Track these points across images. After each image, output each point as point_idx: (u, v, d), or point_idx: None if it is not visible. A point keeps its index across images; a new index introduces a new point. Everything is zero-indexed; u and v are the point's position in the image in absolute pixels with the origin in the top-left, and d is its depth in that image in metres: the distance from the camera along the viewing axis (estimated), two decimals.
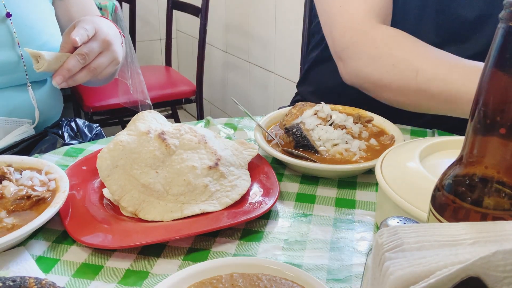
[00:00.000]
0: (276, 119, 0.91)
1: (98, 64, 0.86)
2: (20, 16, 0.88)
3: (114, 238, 0.60)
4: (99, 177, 0.68)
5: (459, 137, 0.72)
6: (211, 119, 0.96)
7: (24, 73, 0.90)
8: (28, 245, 0.61)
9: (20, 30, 0.88)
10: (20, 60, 0.88)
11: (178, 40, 3.29)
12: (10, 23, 0.86)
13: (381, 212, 0.65)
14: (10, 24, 0.86)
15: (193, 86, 2.40)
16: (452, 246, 0.31)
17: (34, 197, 0.63)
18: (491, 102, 0.36)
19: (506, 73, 0.35)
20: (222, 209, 0.66)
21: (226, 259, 0.54)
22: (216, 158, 0.70)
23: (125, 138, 0.68)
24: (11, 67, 0.88)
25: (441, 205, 0.40)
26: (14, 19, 0.86)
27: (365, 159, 0.77)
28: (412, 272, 0.29)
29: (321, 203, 0.71)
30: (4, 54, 0.87)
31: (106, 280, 0.55)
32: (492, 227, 0.32)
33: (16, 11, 0.87)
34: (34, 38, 0.90)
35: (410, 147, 0.69)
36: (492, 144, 0.37)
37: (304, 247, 0.61)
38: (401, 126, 0.91)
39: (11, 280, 0.46)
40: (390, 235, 0.32)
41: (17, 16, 0.88)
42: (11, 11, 0.87)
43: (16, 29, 0.87)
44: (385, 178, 0.63)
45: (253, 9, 2.47)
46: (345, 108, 0.92)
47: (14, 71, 0.89)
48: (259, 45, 2.48)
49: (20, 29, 0.88)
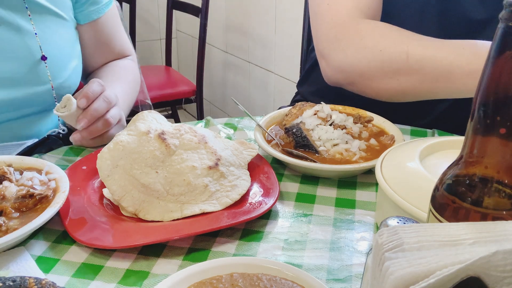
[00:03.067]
0: (276, 119, 0.91)
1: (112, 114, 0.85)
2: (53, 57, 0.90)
3: (114, 238, 0.60)
4: (99, 177, 0.68)
5: (459, 137, 0.72)
6: (211, 119, 0.96)
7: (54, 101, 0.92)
8: (28, 245, 0.61)
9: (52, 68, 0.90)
10: (51, 91, 0.90)
11: (178, 40, 3.29)
12: (45, 66, 0.88)
13: (381, 212, 0.65)
14: (44, 67, 0.88)
15: (193, 86, 2.40)
16: (452, 246, 0.31)
17: (37, 195, 0.63)
18: (491, 102, 0.36)
19: (506, 73, 0.35)
20: (222, 209, 0.66)
21: (226, 259, 0.54)
22: (216, 158, 0.70)
23: (125, 138, 0.68)
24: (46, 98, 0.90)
25: (441, 205, 0.40)
26: (49, 61, 0.89)
27: (365, 159, 0.77)
28: (412, 272, 0.29)
29: (321, 203, 0.71)
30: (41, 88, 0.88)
31: (106, 280, 0.55)
32: (492, 227, 0.32)
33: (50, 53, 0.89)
34: (62, 73, 0.92)
35: (410, 147, 0.69)
36: (492, 144, 0.37)
37: (304, 247, 0.61)
38: (401, 126, 0.91)
39: (11, 280, 0.46)
40: (390, 235, 0.32)
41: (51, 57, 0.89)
42: (46, 53, 0.88)
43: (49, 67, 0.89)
44: (385, 178, 0.63)
45: (253, 9, 2.47)
46: (345, 108, 0.92)
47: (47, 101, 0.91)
48: (259, 45, 2.48)
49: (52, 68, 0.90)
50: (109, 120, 0.83)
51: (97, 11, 1.01)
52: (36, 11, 0.88)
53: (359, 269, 0.57)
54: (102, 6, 1.02)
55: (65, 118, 0.81)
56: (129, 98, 1.04)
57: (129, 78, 1.07)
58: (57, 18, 0.92)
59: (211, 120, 0.95)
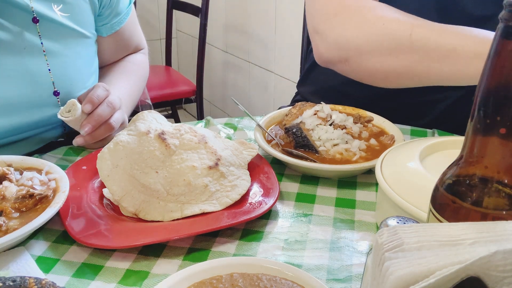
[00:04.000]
0: (276, 119, 0.91)
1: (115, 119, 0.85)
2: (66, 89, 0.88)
3: (114, 238, 0.60)
4: (99, 177, 0.68)
5: (459, 137, 0.72)
6: (211, 119, 0.96)
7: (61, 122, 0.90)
8: (28, 245, 0.61)
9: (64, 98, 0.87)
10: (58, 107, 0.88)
11: (178, 40, 3.29)
12: (57, 100, 0.86)
13: (381, 212, 0.65)
14: (57, 102, 0.87)
15: (193, 86, 2.40)
16: (452, 246, 0.31)
17: (37, 195, 0.63)
18: (491, 102, 0.36)
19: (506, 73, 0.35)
20: (222, 209, 0.66)
21: (226, 259, 0.54)
22: (216, 158, 0.70)
23: (125, 138, 0.68)
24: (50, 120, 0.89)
25: (441, 205, 0.40)
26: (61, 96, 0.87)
27: (365, 159, 0.77)
28: (412, 272, 0.29)
29: (321, 203, 0.71)
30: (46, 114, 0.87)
31: (106, 280, 0.55)
32: (492, 227, 0.32)
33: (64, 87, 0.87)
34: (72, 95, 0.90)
35: (410, 147, 0.69)
36: (492, 144, 0.37)
37: (304, 247, 0.61)
38: (401, 126, 0.91)
39: (11, 280, 0.46)
40: (390, 235, 0.32)
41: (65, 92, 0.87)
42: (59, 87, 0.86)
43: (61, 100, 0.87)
44: (385, 178, 0.63)
45: (253, 9, 2.47)
46: (345, 108, 0.92)
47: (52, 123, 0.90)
48: (259, 45, 2.48)
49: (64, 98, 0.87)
50: (112, 124, 0.83)
51: (119, 22, 0.99)
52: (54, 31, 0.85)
53: (359, 269, 0.57)
54: (124, 16, 1.00)
55: (69, 122, 0.81)
56: (136, 94, 1.04)
57: (138, 73, 1.07)
58: (80, 38, 0.90)
59: (211, 120, 0.95)
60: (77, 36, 0.89)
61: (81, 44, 0.91)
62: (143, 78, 1.11)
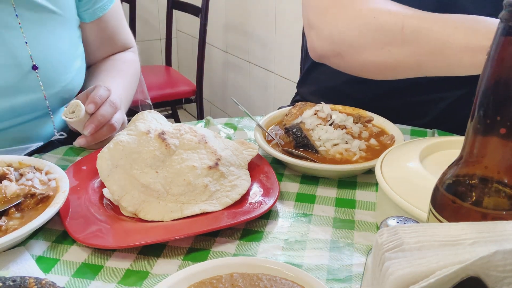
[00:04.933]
0: (276, 119, 0.91)
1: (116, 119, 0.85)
2: (47, 65, 0.87)
3: (114, 238, 0.60)
4: (99, 177, 0.68)
5: (459, 137, 0.72)
6: (211, 119, 0.96)
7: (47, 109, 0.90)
8: (28, 245, 0.61)
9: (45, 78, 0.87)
10: (44, 100, 0.88)
11: (178, 40, 3.29)
12: (37, 75, 0.86)
13: (381, 212, 0.65)
14: (36, 77, 0.86)
15: (193, 86, 2.40)
16: (452, 246, 0.31)
17: (39, 195, 0.63)
18: (491, 102, 0.36)
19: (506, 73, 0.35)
20: (222, 209, 0.66)
21: (226, 259, 0.54)
22: (216, 158, 0.70)
23: (125, 138, 0.68)
24: (37, 106, 0.88)
25: (441, 205, 0.40)
26: (40, 70, 0.86)
27: (365, 159, 0.77)
28: (412, 272, 0.29)
29: (321, 203, 0.71)
30: (31, 96, 0.86)
31: (106, 280, 0.55)
32: (492, 227, 0.32)
33: (43, 62, 0.87)
34: (58, 82, 0.90)
35: (410, 147, 0.69)
36: (492, 144, 0.37)
37: (304, 247, 0.61)
38: (401, 126, 0.91)
39: (11, 280, 0.46)
40: (390, 235, 0.32)
41: (44, 66, 0.87)
42: (38, 62, 0.86)
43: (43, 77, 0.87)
44: (385, 178, 0.63)
45: (253, 9, 2.47)
46: (345, 108, 0.92)
47: (39, 109, 0.89)
48: (259, 45, 2.48)
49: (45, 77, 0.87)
50: (114, 125, 0.83)
51: (102, 8, 0.99)
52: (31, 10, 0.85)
53: (359, 269, 0.57)
54: (107, 2, 1.00)
55: (73, 123, 0.81)
56: (130, 92, 1.04)
57: (130, 71, 1.06)
58: (57, 17, 0.90)
59: (211, 120, 0.95)
60: (56, 17, 0.89)
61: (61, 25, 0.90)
62: (136, 77, 1.10)
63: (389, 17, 0.78)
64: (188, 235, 0.60)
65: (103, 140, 0.84)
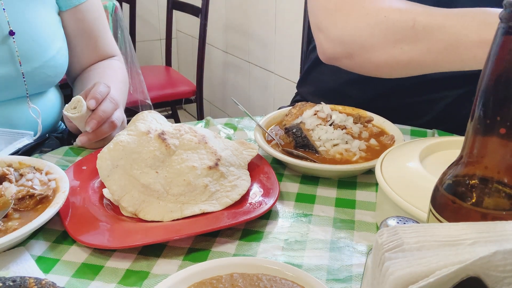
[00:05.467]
0: (276, 119, 0.91)
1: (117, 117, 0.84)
2: (25, 32, 0.86)
3: (114, 238, 0.60)
4: (99, 177, 0.68)
5: (459, 137, 0.72)
6: (211, 119, 0.96)
7: (24, 88, 0.88)
8: (28, 245, 0.61)
9: (25, 47, 0.86)
10: (20, 76, 0.87)
11: (178, 40, 3.29)
12: (13, 41, 0.85)
13: (381, 212, 0.65)
14: (12, 43, 0.85)
15: (193, 86, 2.40)
16: (452, 246, 0.31)
17: (38, 196, 0.63)
18: (491, 102, 0.36)
19: (506, 73, 0.35)
20: (222, 209, 0.66)
21: (226, 259, 0.54)
22: (216, 158, 0.70)
23: (125, 138, 0.68)
24: (11, 83, 0.87)
25: (441, 205, 0.40)
26: (18, 36, 0.85)
27: (365, 159, 0.77)
28: (412, 272, 0.29)
29: (321, 203, 0.71)
30: (3, 70, 0.85)
31: (106, 280, 0.55)
32: (492, 227, 0.32)
33: (20, 28, 0.86)
34: (39, 54, 0.89)
35: (410, 147, 0.69)
36: (492, 144, 0.37)
37: (304, 247, 0.61)
38: (401, 126, 0.91)
39: (11, 280, 0.46)
40: (390, 235, 0.32)
41: (22, 33, 0.86)
42: (16, 28, 0.85)
43: (20, 46, 0.86)
44: (385, 178, 0.63)
45: (253, 9, 2.47)
46: (345, 108, 0.92)
47: (14, 87, 0.88)
48: (259, 45, 2.48)
49: (25, 46, 0.86)
50: (115, 122, 0.83)
51: None
52: None
53: (359, 269, 0.57)
54: None
55: (75, 119, 0.81)
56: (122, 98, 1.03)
57: (119, 78, 1.05)
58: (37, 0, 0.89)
59: (211, 120, 0.95)
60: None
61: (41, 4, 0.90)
62: (125, 84, 1.09)
63: (399, 15, 0.77)
64: (188, 235, 0.60)
65: (104, 139, 0.84)
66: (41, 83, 0.92)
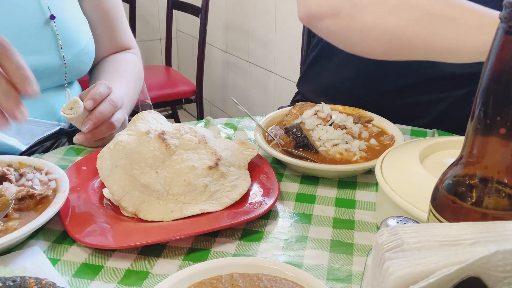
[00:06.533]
0: (276, 119, 0.91)
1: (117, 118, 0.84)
2: (63, 18, 0.87)
3: (114, 238, 0.60)
4: (99, 177, 0.68)
5: (459, 137, 0.72)
6: (211, 119, 0.96)
7: (63, 76, 0.89)
8: (28, 245, 0.61)
9: (63, 33, 0.86)
10: (62, 63, 0.87)
11: (178, 40, 3.29)
12: (54, 25, 0.85)
13: (381, 212, 0.65)
14: (54, 27, 0.85)
15: (193, 86, 2.40)
16: (452, 246, 0.31)
17: (38, 195, 0.63)
18: (491, 102, 0.36)
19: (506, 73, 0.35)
20: (222, 209, 0.66)
21: (226, 259, 0.54)
22: (216, 158, 0.70)
23: (125, 138, 0.68)
24: (54, 70, 0.87)
25: (441, 205, 0.40)
26: (58, 21, 0.85)
27: (365, 159, 0.77)
28: (412, 272, 0.29)
29: (321, 203, 0.71)
30: (48, 57, 0.85)
31: (106, 280, 0.55)
32: (492, 227, 0.32)
33: (59, 14, 0.86)
34: (76, 41, 0.89)
35: (410, 147, 0.69)
36: (492, 144, 0.37)
37: (304, 247, 0.61)
38: (401, 126, 0.91)
39: (11, 280, 0.46)
40: (390, 235, 0.32)
41: (60, 19, 0.86)
42: (55, 13, 0.85)
43: (61, 31, 0.86)
44: (385, 178, 0.63)
45: (253, 9, 2.47)
46: (345, 108, 0.92)
47: (56, 74, 0.88)
48: (259, 45, 2.48)
49: (64, 31, 0.86)
50: (113, 123, 0.83)
51: None
52: None
53: (359, 269, 0.57)
54: None
55: (72, 120, 0.81)
56: (133, 94, 1.03)
57: (133, 72, 1.05)
58: None
59: (211, 120, 0.95)
60: None
61: None
62: (139, 78, 1.09)
63: None
64: (188, 235, 0.60)
65: (103, 139, 0.84)
66: (78, 70, 0.92)
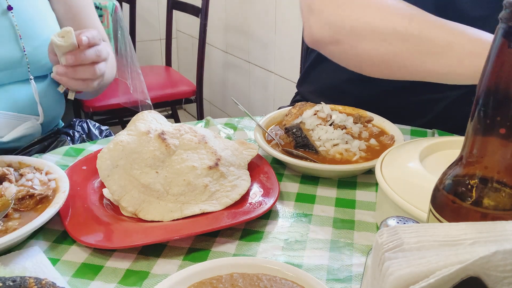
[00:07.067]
0: (276, 119, 0.91)
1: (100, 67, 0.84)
2: (21, 9, 0.86)
3: (114, 238, 0.60)
4: (99, 177, 0.68)
5: (459, 137, 0.72)
6: (211, 119, 0.96)
7: (26, 68, 0.88)
8: (28, 245, 0.61)
9: (22, 24, 0.86)
10: (23, 55, 0.87)
11: (178, 40, 3.29)
12: (12, 16, 0.84)
13: (381, 212, 0.65)
14: (11, 18, 0.84)
15: (193, 86, 2.40)
16: (452, 246, 0.31)
17: (38, 195, 0.63)
18: (491, 102, 0.36)
19: (506, 73, 0.35)
20: (222, 209, 0.66)
21: (226, 259, 0.54)
22: (216, 158, 0.70)
23: (125, 138, 0.68)
24: (14, 62, 0.86)
25: (441, 205, 0.40)
26: (16, 12, 0.85)
27: (365, 159, 0.77)
28: (412, 272, 0.29)
29: (321, 203, 0.71)
30: (6, 48, 0.85)
31: (106, 280, 0.55)
32: (492, 227, 0.32)
33: (17, 5, 0.86)
34: (36, 33, 0.88)
35: (410, 147, 0.69)
36: (492, 144, 0.37)
37: (304, 247, 0.61)
38: (401, 126, 0.91)
39: (11, 280, 0.46)
40: (390, 235, 0.32)
41: (19, 10, 0.86)
42: (13, 4, 0.85)
43: (19, 22, 0.85)
44: (385, 178, 0.63)
45: (253, 9, 2.47)
46: (345, 108, 0.92)
47: (16, 66, 0.87)
48: (259, 45, 2.48)
49: (22, 23, 0.86)
50: (96, 70, 0.84)
51: None
52: None
53: (359, 269, 0.57)
54: None
55: (59, 47, 0.80)
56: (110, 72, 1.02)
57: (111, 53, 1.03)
58: None
59: (211, 120, 0.95)
60: None
61: None
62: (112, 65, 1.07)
63: (397, 11, 0.76)
64: (188, 235, 0.60)
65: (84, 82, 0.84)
66: (43, 62, 0.91)
